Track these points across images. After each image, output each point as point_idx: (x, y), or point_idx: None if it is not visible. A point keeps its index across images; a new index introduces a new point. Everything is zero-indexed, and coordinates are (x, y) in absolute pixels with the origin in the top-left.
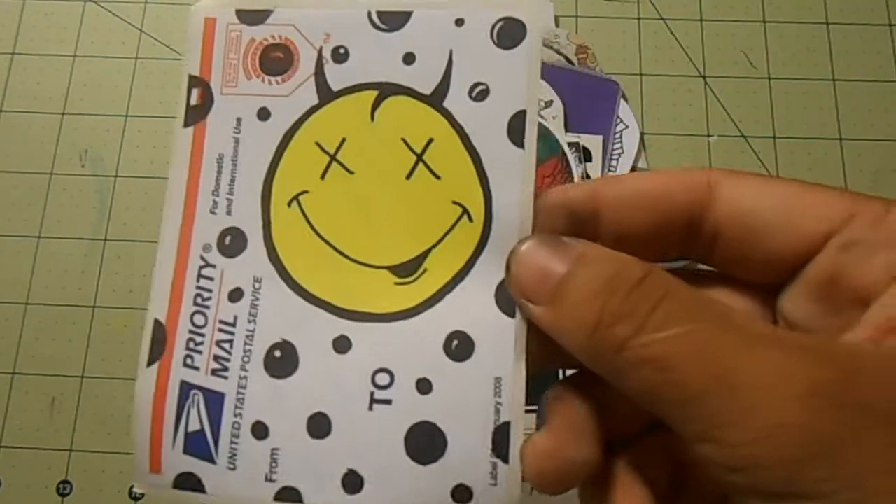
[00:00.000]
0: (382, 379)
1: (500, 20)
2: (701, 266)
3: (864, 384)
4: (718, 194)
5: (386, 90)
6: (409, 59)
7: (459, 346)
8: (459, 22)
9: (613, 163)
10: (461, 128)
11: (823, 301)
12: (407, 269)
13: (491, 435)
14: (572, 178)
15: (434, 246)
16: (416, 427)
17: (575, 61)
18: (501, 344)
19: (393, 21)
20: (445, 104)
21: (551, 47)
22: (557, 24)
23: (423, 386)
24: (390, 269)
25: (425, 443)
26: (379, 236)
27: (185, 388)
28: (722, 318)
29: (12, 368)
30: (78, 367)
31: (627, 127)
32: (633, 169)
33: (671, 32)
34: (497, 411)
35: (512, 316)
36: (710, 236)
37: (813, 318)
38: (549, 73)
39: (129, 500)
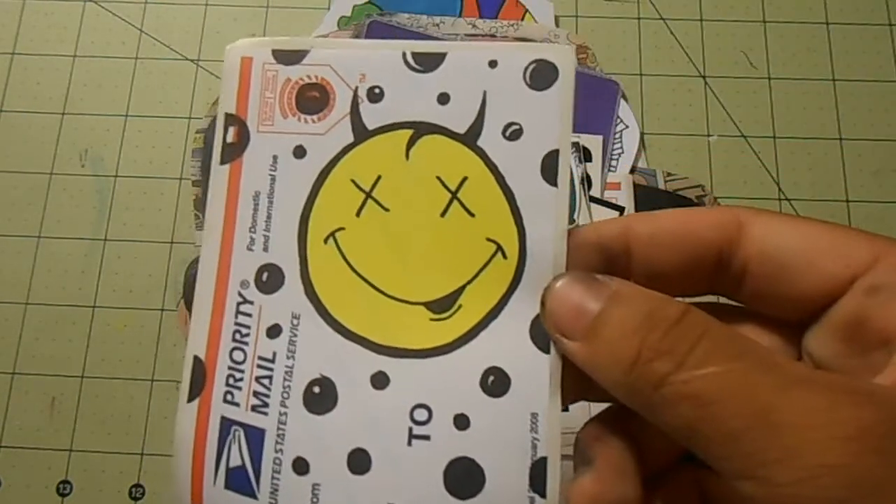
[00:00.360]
0: (420, 415)
1: (532, 62)
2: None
3: None
4: (747, 233)
5: (421, 129)
6: (443, 98)
7: (496, 382)
8: (493, 63)
9: (613, 163)
10: (495, 166)
11: (849, 342)
12: (442, 306)
13: (528, 470)
14: (572, 177)
15: (469, 282)
16: (454, 462)
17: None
18: (537, 380)
19: (427, 62)
20: (479, 143)
21: None
22: (557, 24)
23: (461, 421)
24: (426, 305)
25: (464, 478)
26: (414, 273)
27: (226, 424)
28: (761, 358)
29: (12, 368)
30: (78, 367)
31: (627, 127)
32: (633, 169)
33: (671, 32)
34: (534, 447)
35: (547, 352)
36: (739, 273)
37: (838, 358)
38: None
39: (129, 500)
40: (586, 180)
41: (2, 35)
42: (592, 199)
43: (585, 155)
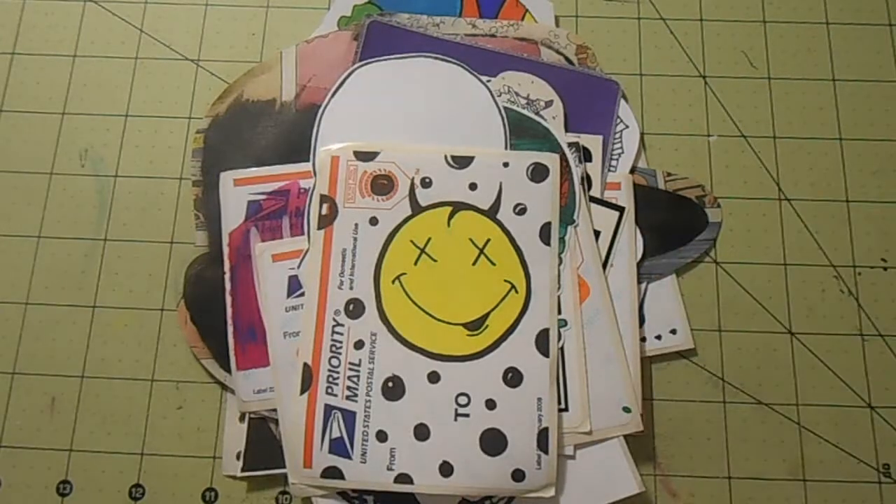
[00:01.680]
0: (462, 400)
1: (532, 164)
2: None
3: None
4: None
5: (457, 206)
6: (472, 186)
7: (513, 377)
8: (506, 164)
9: (613, 163)
10: (509, 232)
11: None
12: (475, 325)
13: (536, 436)
14: (572, 177)
15: (493, 309)
16: (486, 431)
17: (575, 61)
18: (541, 375)
19: (461, 162)
20: (498, 216)
21: (551, 47)
22: (557, 24)
23: (490, 404)
24: (464, 325)
25: (493, 442)
26: (455, 303)
27: (328, 409)
28: None
29: (12, 368)
30: (78, 367)
31: (627, 127)
32: (633, 169)
33: (671, 32)
34: (539, 420)
35: (547, 356)
36: None
37: None
38: (549, 73)
39: (129, 500)
40: (586, 180)
41: (2, 35)
42: (592, 199)
43: (585, 155)
